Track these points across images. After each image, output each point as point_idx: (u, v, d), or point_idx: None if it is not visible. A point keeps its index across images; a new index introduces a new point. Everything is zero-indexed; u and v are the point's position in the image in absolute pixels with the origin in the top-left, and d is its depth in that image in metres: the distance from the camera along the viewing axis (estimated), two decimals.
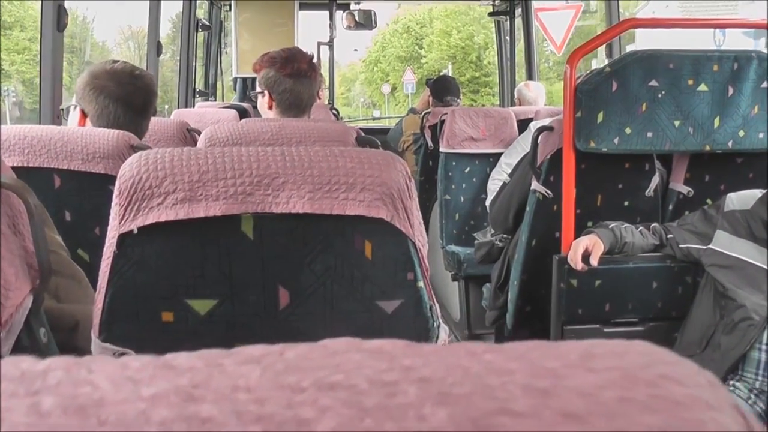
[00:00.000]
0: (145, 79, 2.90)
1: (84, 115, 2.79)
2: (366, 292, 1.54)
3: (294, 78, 3.44)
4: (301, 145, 2.33)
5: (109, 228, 1.48)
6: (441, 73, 39.96)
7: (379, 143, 2.56)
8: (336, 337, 1.49)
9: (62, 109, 3.13)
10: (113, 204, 1.46)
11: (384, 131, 7.87)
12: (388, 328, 1.56)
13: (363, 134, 2.53)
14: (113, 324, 1.51)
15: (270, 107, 3.50)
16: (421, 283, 1.55)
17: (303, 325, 1.54)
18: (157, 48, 6.03)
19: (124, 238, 1.46)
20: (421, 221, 1.59)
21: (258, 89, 3.58)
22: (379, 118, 26.43)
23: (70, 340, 1.56)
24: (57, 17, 3.78)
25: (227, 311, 1.52)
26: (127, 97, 2.78)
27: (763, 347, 2.88)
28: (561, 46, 9.42)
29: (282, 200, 1.46)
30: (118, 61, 2.88)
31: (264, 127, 2.44)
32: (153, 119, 3.45)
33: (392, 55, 47.58)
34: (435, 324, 1.59)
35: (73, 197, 2.40)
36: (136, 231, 1.45)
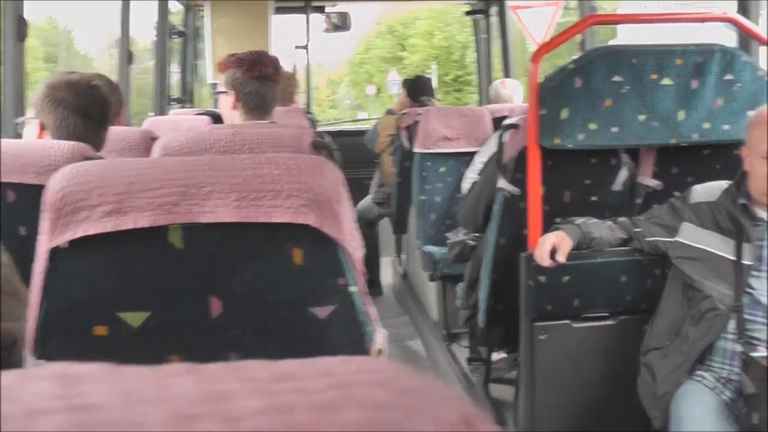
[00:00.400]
0: (102, 90, 2.89)
1: (42, 127, 2.76)
2: (298, 298, 1.53)
3: (260, 81, 3.54)
4: (254, 152, 2.33)
5: (38, 243, 1.46)
6: (427, 73, 40.01)
7: (333, 148, 2.56)
8: (270, 346, 1.49)
9: (17, 124, 3.11)
10: (42, 218, 1.45)
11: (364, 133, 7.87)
12: (322, 334, 1.56)
13: (319, 139, 2.52)
14: (47, 340, 1.49)
15: (234, 107, 3.58)
16: (353, 288, 1.55)
17: (236, 334, 1.53)
18: (128, 57, 5.99)
19: (54, 253, 1.45)
20: (354, 226, 1.58)
21: (221, 89, 3.65)
22: (364, 120, 26.39)
23: (9, 358, 1.54)
24: (17, 28, 3.75)
25: (160, 323, 1.51)
26: (86, 108, 2.76)
27: (729, 336, 2.89)
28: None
29: (208, 209, 1.45)
30: (74, 72, 2.86)
31: (219, 135, 2.44)
32: (118, 129, 3.44)
33: (377, 57, 47.57)
34: (370, 328, 1.58)
35: (27, 211, 2.36)
36: (65, 245, 1.44)
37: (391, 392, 0.54)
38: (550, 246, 3.10)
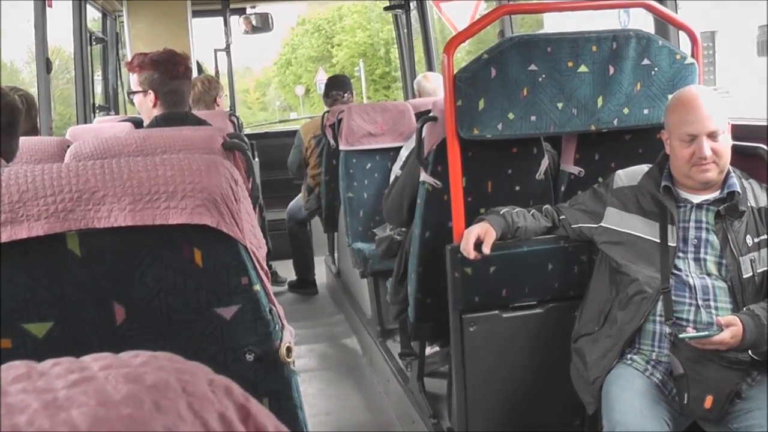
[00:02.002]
0: (7, 98, 2.80)
1: None
2: (202, 300, 1.51)
3: (178, 79, 3.81)
4: (168, 154, 2.29)
5: None
6: (355, 71, 40.04)
7: (247, 145, 2.53)
8: (177, 349, 1.45)
9: None
10: None
11: (295, 133, 7.81)
12: (228, 335, 1.54)
13: (231, 140, 2.48)
14: None
15: (155, 105, 3.80)
16: (257, 287, 1.52)
17: (143, 339, 1.50)
18: (47, 65, 5.87)
19: None
20: (255, 224, 1.56)
21: (136, 89, 3.83)
22: (295, 120, 26.32)
23: None
24: None
25: (64, 332, 1.48)
26: None
27: (657, 319, 2.93)
28: None
29: (103, 214, 1.42)
30: None
31: (128, 139, 2.40)
32: (34, 139, 3.36)
33: (304, 56, 47.50)
34: (277, 326, 1.57)
35: None
36: None
37: (137, 387, 0.55)
38: (475, 238, 3.09)
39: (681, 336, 2.74)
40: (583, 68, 3.24)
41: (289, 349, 1.57)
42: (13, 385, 0.55)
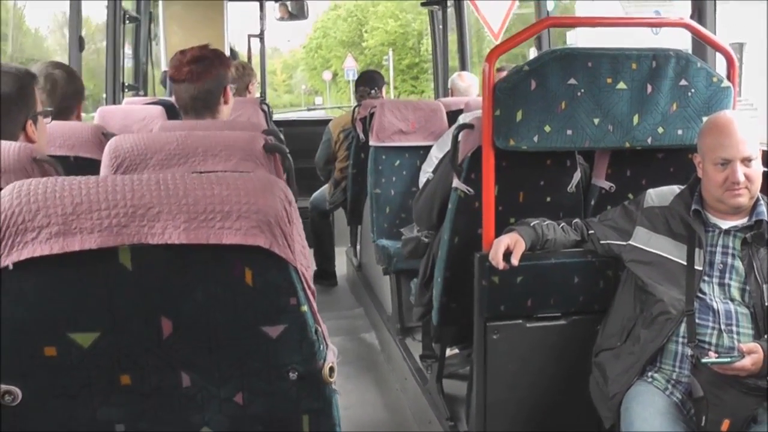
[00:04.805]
0: (18, 78, 2.75)
1: None
2: (249, 318, 1.53)
3: (179, 83, 3.52)
4: (206, 156, 2.32)
5: None
6: (384, 61, 39.98)
7: (287, 151, 2.55)
8: (222, 365, 1.49)
9: None
10: None
11: (323, 122, 7.82)
12: (273, 353, 1.56)
13: (271, 141, 2.51)
14: None
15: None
16: (305, 308, 1.54)
17: (188, 354, 1.53)
18: (80, 43, 5.90)
19: (1, 274, 1.43)
20: (305, 245, 1.59)
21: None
22: (320, 107, 26.36)
23: None
24: None
25: (110, 343, 1.50)
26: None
27: (680, 340, 2.94)
28: (498, 33, 9.42)
29: (157, 231, 1.44)
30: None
31: (169, 138, 2.41)
32: (69, 124, 3.38)
33: (335, 40, 47.44)
34: (322, 347, 1.59)
35: None
36: (11, 267, 1.42)
37: None
38: (505, 248, 3.11)
39: (703, 360, 2.75)
40: (621, 85, 3.24)
41: (332, 369, 1.60)
42: None
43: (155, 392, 1.54)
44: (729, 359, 2.72)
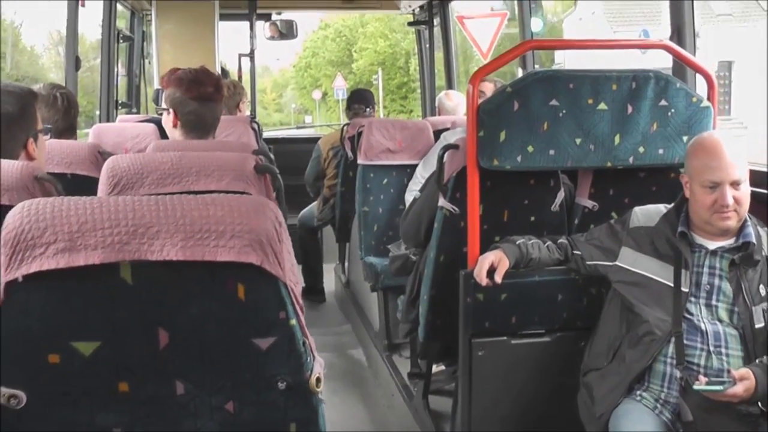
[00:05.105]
0: (19, 98, 2.78)
1: None
2: (241, 331, 1.62)
3: (199, 101, 3.53)
4: (200, 176, 2.38)
5: None
6: (373, 80, 40.06)
7: (277, 171, 2.62)
8: (214, 374, 1.56)
9: None
10: None
11: (313, 140, 7.88)
12: (263, 364, 1.64)
13: (262, 162, 2.57)
14: (2, 367, 1.56)
15: (174, 125, 3.57)
16: (293, 321, 1.63)
17: (182, 364, 1.61)
18: (76, 62, 5.96)
19: (9, 286, 1.53)
20: (294, 263, 1.67)
21: (164, 105, 3.63)
22: (310, 126, 26.45)
23: None
24: None
25: (110, 352, 1.59)
26: None
27: (668, 360, 2.95)
28: (487, 53, 9.52)
29: (156, 248, 1.53)
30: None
31: (164, 158, 2.49)
32: (66, 143, 3.44)
33: (324, 60, 47.51)
34: (309, 358, 1.67)
35: None
36: (20, 279, 1.51)
37: None
38: (489, 265, 3.16)
39: (695, 387, 2.72)
40: (602, 105, 3.30)
41: (318, 380, 1.68)
42: None
43: (151, 400, 1.63)
44: (721, 387, 2.70)
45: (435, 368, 4.48)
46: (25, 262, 1.51)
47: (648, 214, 3.16)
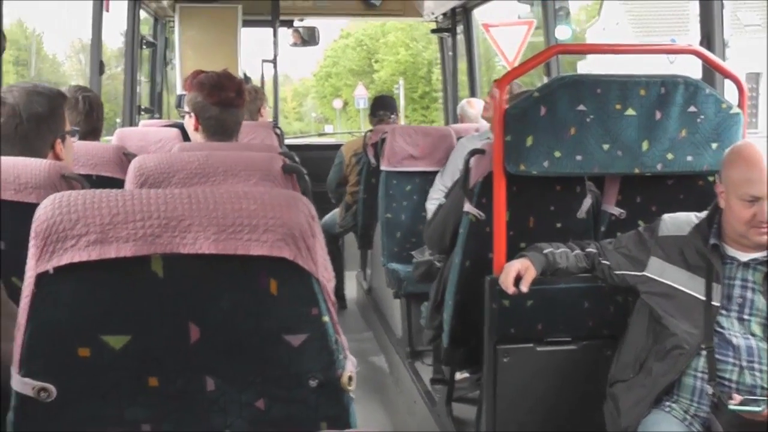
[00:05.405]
0: (52, 100, 2.80)
1: None
2: (273, 326, 1.60)
3: (220, 106, 3.52)
4: (227, 176, 2.38)
5: (26, 268, 1.53)
6: (395, 89, 40.11)
7: (305, 172, 2.60)
8: (245, 371, 1.55)
9: None
10: (30, 245, 1.52)
11: (334, 147, 7.90)
12: (294, 361, 1.62)
13: (289, 162, 2.57)
14: (32, 359, 1.56)
15: (196, 129, 3.57)
16: (326, 318, 1.61)
17: (213, 359, 1.60)
18: (100, 67, 5.99)
19: (41, 278, 1.51)
20: (327, 258, 1.65)
21: (186, 108, 3.63)
22: (330, 134, 26.47)
23: (7, 378, 1.59)
24: None
25: (141, 346, 1.57)
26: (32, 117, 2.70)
27: (698, 374, 2.88)
28: (513, 61, 9.43)
29: (189, 241, 1.52)
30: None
31: (191, 157, 2.48)
32: (90, 144, 3.45)
33: (345, 69, 47.58)
34: (341, 356, 1.65)
35: (6, 227, 2.43)
36: (51, 271, 1.50)
37: None
38: (515, 273, 3.13)
39: (731, 407, 2.67)
40: (630, 111, 3.28)
41: (350, 378, 1.66)
42: None
43: (181, 395, 1.61)
44: (758, 408, 2.64)
45: (458, 375, 4.46)
46: (56, 253, 1.50)
47: (677, 222, 3.08)
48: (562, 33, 5.66)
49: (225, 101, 3.52)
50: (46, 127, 2.71)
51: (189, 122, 3.60)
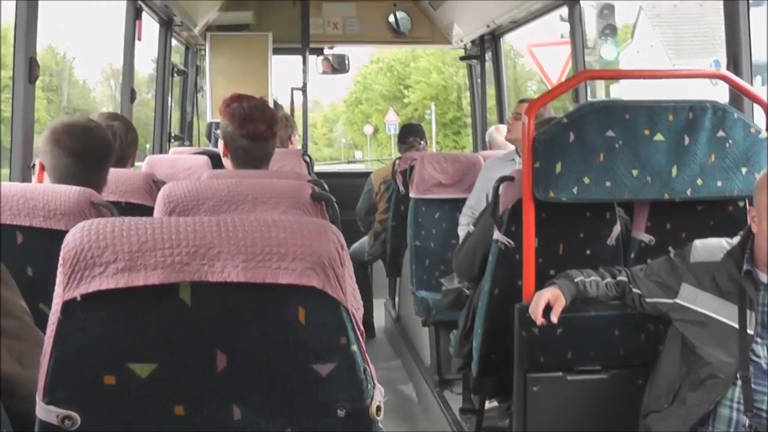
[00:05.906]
0: (100, 134, 2.93)
1: (42, 168, 2.83)
2: (300, 355, 1.58)
3: (249, 139, 3.46)
4: (256, 203, 2.39)
5: (54, 295, 1.53)
6: (426, 114, 40.13)
7: (334, 200, 2.61)
8: (272, 400, 1.54)
9: (30, 166, 3.16)
10: (58, 272, 1.52)
11: (363, 175, 7.91)
12: (322, 390, 1.61)
13: (318, 190, 2.57)
14: (57, 387, 1.55)
15: (225, 156, 3.56)
16: (354, 347, 1.60)
17: (240, 388, 1.58)
18: (131, 94, 6.04)
19: (68, 305, 1.51)
20: (355, 286, 1.64)
21: (219, 132, 3.61)
22: (361, 161, 26.59)
23: (33, 407, 1.58)
24: (29, 69, 3.74)
25: (167, 374, 1.56)
26: (81, 152, 2.81)
27: (734, 405, 2.83)
28: (558, 82, 9.29)
29: (217, 269, 1.52)
30: (77, 116, 2.93)
31: (220, 185, 2.50)
32: (120, 171, 3.48)
33: (376, 93, 47.67)
34: (369, 386, 1.64)
35: (35, 253, 2.46)
36: (79, 298, 1.50)
37: None
38: (545, 303, 3.11)
39: None
40: (659, 136, 3.26)
41: (378, 408, 1.64)
42: None
43: (207, 424, 1.60)
44: None
45: (488, 404, 4.42)
46: (84, 281, 1.50)
47: (709, 248, 3.03)
48: (608, 53, 5.61)
49: (254, 134, 3.46)
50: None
51: (220, 146, 3.59)
